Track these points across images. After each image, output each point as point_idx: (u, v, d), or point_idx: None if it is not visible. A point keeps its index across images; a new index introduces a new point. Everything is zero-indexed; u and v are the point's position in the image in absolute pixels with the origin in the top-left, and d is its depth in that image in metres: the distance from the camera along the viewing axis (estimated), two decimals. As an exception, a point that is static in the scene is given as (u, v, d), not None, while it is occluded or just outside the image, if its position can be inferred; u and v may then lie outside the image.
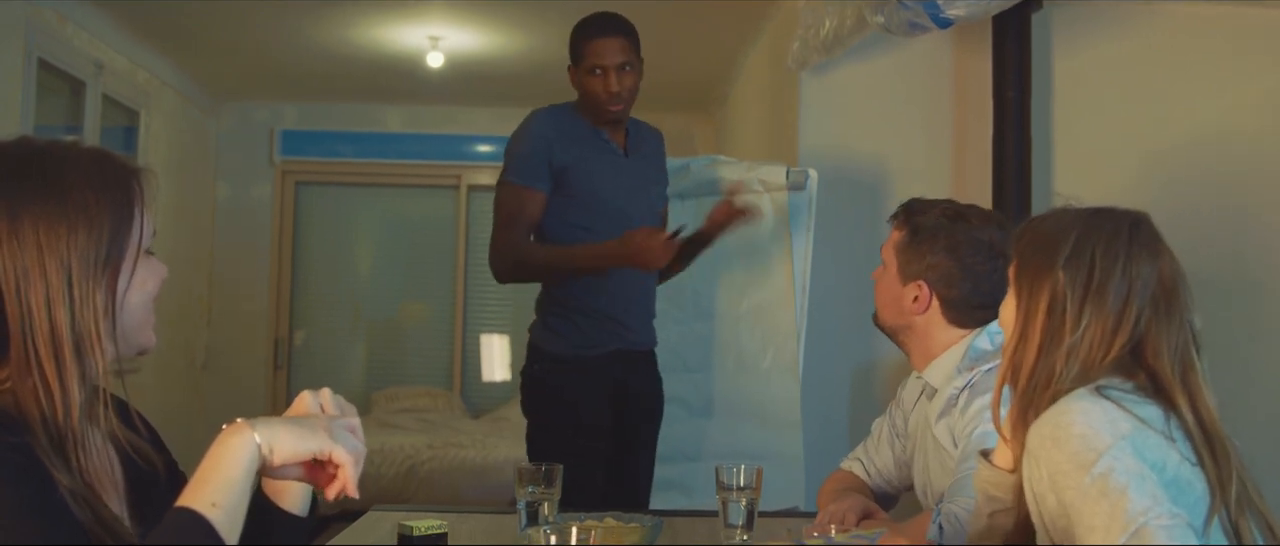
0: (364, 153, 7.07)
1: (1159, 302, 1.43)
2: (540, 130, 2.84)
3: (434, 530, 1.84)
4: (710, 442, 3.34)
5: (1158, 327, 1.42)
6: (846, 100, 3.76)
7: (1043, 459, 1.34)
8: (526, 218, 2.82)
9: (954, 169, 3.67)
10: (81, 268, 1.27)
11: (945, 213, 2.04)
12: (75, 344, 1.26)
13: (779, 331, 3.30)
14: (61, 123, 5.04)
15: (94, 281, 1.28)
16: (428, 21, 5.28)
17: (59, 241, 1.27)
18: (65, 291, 1.26)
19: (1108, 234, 1.45)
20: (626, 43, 2.84)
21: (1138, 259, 1.43)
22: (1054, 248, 1.46)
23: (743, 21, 4.93)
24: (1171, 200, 3.30)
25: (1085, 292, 1.42)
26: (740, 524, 1.97)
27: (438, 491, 5.60)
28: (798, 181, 3.31)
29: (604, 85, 2.81)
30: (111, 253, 1.30)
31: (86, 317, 1.27)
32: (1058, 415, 1.35)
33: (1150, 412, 1.36)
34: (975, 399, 1.89)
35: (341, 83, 6.48)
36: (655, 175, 3.05)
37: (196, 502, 1.17)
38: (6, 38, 4.33)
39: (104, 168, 1.33)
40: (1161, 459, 1.32)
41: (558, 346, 2.84)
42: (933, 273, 2.01)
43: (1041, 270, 1.46)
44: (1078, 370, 1.41)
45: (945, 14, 3.09)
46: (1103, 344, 1.41)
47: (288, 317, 7.02)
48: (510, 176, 2.84)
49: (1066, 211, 1.50)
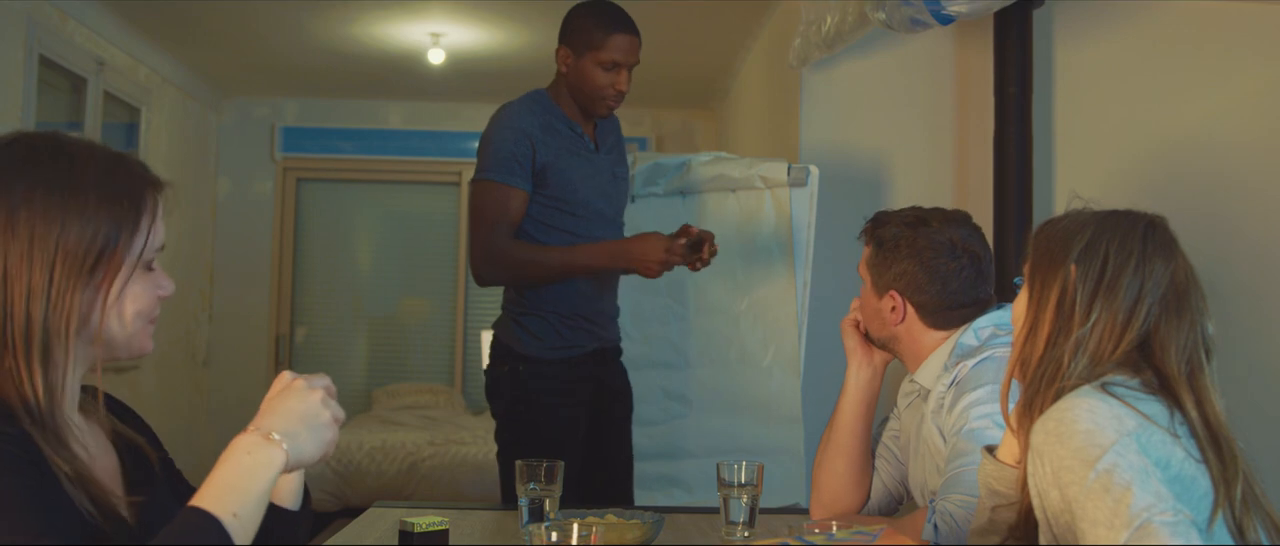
0: (365, 149, 7.08)
1: (1170, 303, 1.43)
2: (522, 125, 2.74)
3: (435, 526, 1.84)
4: (711, 439, 3.33)
5: (1167, 327, 1.42)
6: (848, 97, 3.76)
7: (1047, 454, 1.35)
8: (511, 217, 2.72)
9: (955, 165, 3.67)
10: (64, 267, 1.27)
11: (905, 220, 2.07)
12: (43, 342, 1.26)
13: (780, 327, 3.30)
14: (63, 120, 5.04)
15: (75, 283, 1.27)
16: (429, 18, 5.28)
17: (49, 238, 1.26)
18: (45, 288, 1.26)
19: (1122, 232, 1.45)
20: (639, 43, 2.81)
21: (1151, 258, 1.44)
22: (1068, 243, 1.46)
23: (744, 18, 4.93)
24: (1173, 195, 3.30)
25: (1097, 287, 1.43)
26: (742, 520, 1.98)
27: (439, 488, 5.60)
28: (799, 178, 3.31)
29: (613, 81, 2.77)
30: (102, 258, 1.29)
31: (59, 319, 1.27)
32: (1062, 411, 1.35)
33: (1155, 409, 1.36)
34: (962, 395, 1.89)
35: (343, 79, 6.49)
36: (621, 169, 2.99)
37: (219, 510, 1.17)
38: (8, 34, 4.33)
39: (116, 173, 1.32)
40: (1166, 456, 1.32)
41: (537, 349, 2.77)
42: (901, 281, 2.03)
43: (1054, 264, 1.46)
44: (1085, 364, 1.41)
45: (947, 10, 3.09)
46: (1111, 339, 1.42)
47: (289, 314, 7.03)
48: (491, 174, 2.72)
49: (1083, 212, 1.51)
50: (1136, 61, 3.50)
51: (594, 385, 2.84)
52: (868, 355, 2.15)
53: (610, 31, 2.76)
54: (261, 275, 6.97)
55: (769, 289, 3.33)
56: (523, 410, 2.78)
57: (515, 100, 2.83)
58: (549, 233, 2.77)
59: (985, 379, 1.88)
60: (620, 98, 2.80)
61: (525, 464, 2.04)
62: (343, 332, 7.14)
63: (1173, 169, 3.41)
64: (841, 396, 2.15)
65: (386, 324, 7.20)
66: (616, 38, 2.76)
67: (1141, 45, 3.49)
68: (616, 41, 2.76)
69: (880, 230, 2.08)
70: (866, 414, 2.14)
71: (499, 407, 2.82)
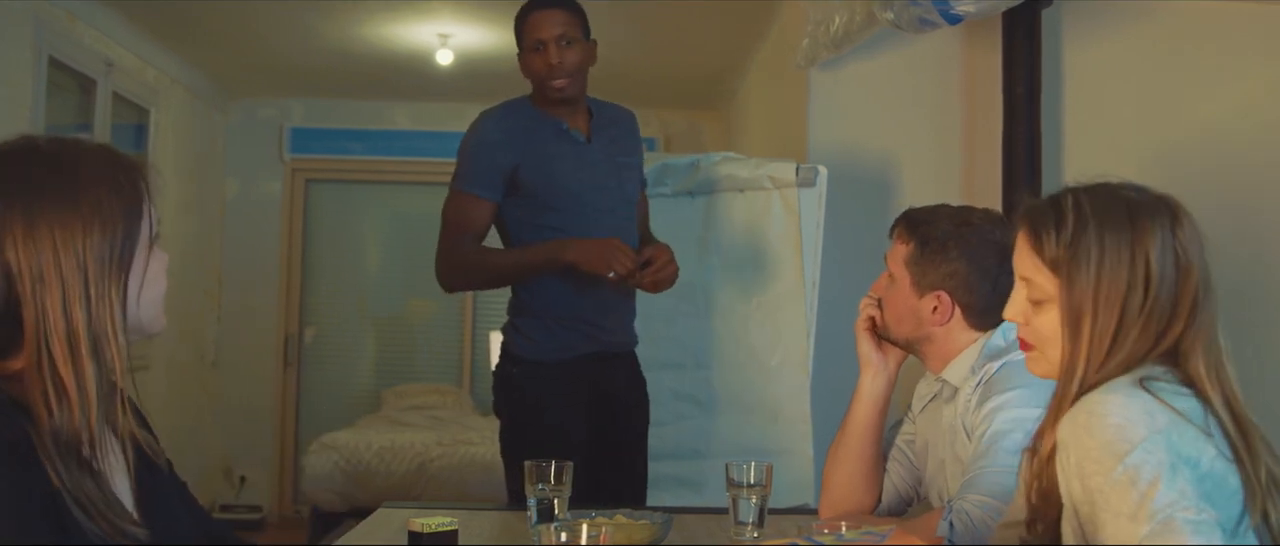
0: (373, 150, 7.08)
1: (1199, 300, 1.41)
2: (487, 135, 2.75)
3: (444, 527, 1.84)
4: (720, 439, 3.33)
5: (1196, 327, 1.40)
6: (856, 97, 3.75)
7: (1073, 446, 1.33)
8: (473, 227, 2.73)
9: (963, 165, 3.67)
10: (97, 267, 1.28)
11: (952, 219, 2.02)
12: (92, 343, 1.27)
13: (789, 328, 3.30)
14: (72, 121, 5.05)
15: (110, 280, 1.29)
16: (437, 19, 5.28)
17: (75, 241, 1.27)
18: (82, 291, 1.27)
19: (1154, 227, 1.43)
20: (567, 16, 2.74)
21: (1181, 251, 1.42)
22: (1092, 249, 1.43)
23: (752, 18, 4.92)
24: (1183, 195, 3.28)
25: (1144, 293, 1.40)
26: (750, 520, 1.98)
27: (447, 488, 5.61)
28: (807, 178, 3.30)
29: (544, 59, 2.70)
30: (124, 250, 1.31)
31: (103, 316, 1.28)
32: (1094, 404, 1.34)
33: (1189, 405, 1.35)
34: (988, 397, 1.88)
35: (351, 80, 6.49)
36: (627, 159, 2.90)
37: None
38: (17, 36, 4.34)
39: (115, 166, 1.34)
40: (1197, 454, 1.31)
41: (530, 350, 2.76)
42: (951, 281, 1.99)
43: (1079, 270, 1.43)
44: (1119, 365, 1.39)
45: (955, 10, 3.08)
46: (1146, 341, 1.39)
47: (298, 314, 7.03)
48: (458, 183, 2.75)
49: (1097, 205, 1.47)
50: (1145, 61, 3.49)
51: (592, 389, 2.79)
52: (883, 362, 2.11)
53: (526, 15, 2.76)
54: (270, 276, 6.97)
55: (777, 289, 3.33)
56: (516, 413, 2.77)
57: (491, 108, 2.82)
58: (539, 232, 2.74)
59: (1013, 382, 1.86)
60: (556, 72, 2.70)
61: (533, 464, 2.04)
62: (351, 333, 7.14)
63: (1182, 169, 3.40)
64: (855, 402, 2.12)
65: (395, 324, 7.21)
66: (531, 18, 2.75)
67: (1150, 45, 3.48)
68: (531, 21, 2.74)
69: (924, 228, 2.02)
70: (880, 419, 2.12)
71: (496, 409, 2.84)
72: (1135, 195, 1.48)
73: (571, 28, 2.74)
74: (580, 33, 2.76)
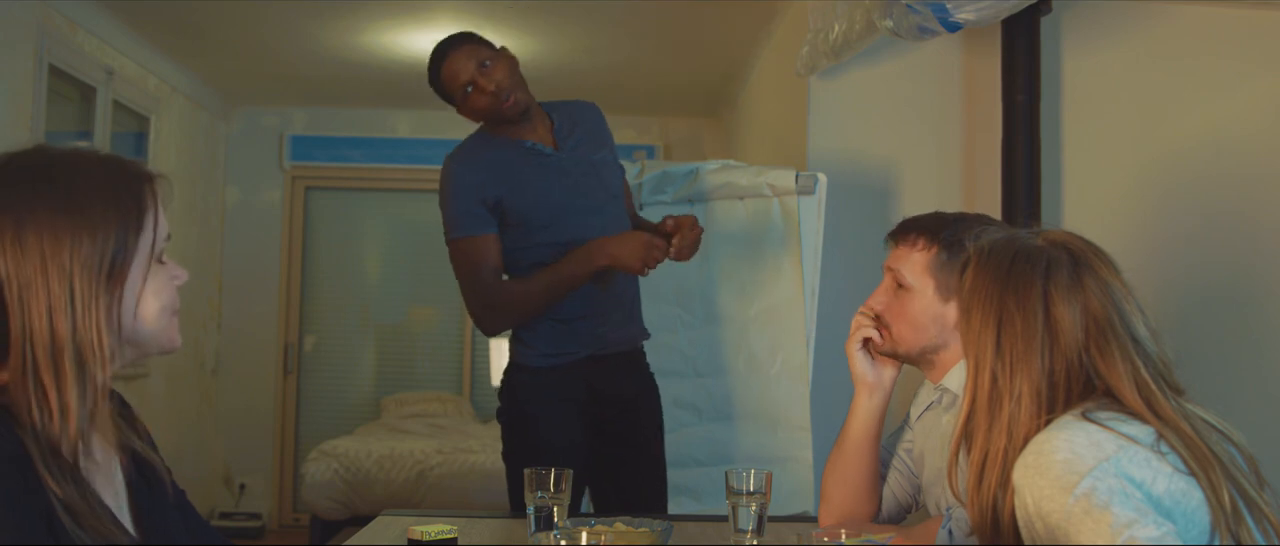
0: (374, 158, 7.09)
1: (1092, 339, 1.42)
2: (462, 177, 2.73)
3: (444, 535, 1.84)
4: (720, 447, 3.33)
5: (1105, 364, 1.41)
6: (855, 104, 3.76)
7: (1027, 488, 1.34)
8: (486, 262, 2.71)
9: (963, 173, 3.67)
10: (84, 277, 1.27)
11: (971, 223, 1.99)
12: (76, 354, 1.26)
13: (788, 335, 3.30)
14: (72, 129, 5.06)
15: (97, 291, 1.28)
16: (438, 27, 5.29)
17: (62, 251, 1.26)
18: (67, 301, 1.25)
19: (1022, 287, 1.45)
20: (470, 46, 2.75)
21: (1058, 303, 1.43)
22: (981, 317, 1.47)
23: (751, 26, 4.93)
24: (1182, 203, 3.29)
25: (1013, 357, 1.43)
26: (750, 528, 1.97)
27: (447, 496, 5.60)
28: (807, 185, 3.31)
29: (481, 95, 2.71)
30: (117, 262, 1.29)
31: (88, 328, 1.26)
32: (1041, 444, 1.35)
33: (1137, 430, 1.36)
34: None
35: (351, 88, 6.50)
36: (599, 153, 2.88)
37: None
38: (18, 43, 4.34)
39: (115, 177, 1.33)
40: (1150, 475, 1.32)
41: (528, 357, 2.76)
42: None
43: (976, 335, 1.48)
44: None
45: (954, 18, 3.08)
46: (1034, 407, 1.42)
47: (298, 322, 7.04)
48: (454, 233, 2.73)
49: (986, 250, 1.51)
50: (1145, 69, 3.49)
51: (589, 391, 2.78)
52: (878, 380, 2.09)
53: (437, 74, 2.77)
54: (270, 284, 6.98)
55: (777, 297, 3.33)
56: (513, 418, 2.79)
57: (453, 152, 2.80)
58: (537, 251, 2.73)
59: None
60: (499, 96, 2.70)
61: (532, 472, 2.04)
62: (351, 341, 7.14)
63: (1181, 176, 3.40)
64: (851, 419, 2.10)
65: (395, 332, 7.21)
66: (444, 69, 2.75)
67: (1150, 52, 3.48)
68: (447, 72, 2.75)
69: (948, 232, 1.99)
70: (877, 432, 2.10)
71: (498, 414, 2.85)
72: (1023, 244, 1.51)
73: (479, 51, 2.74)
74: (489, 50, 2.76)
